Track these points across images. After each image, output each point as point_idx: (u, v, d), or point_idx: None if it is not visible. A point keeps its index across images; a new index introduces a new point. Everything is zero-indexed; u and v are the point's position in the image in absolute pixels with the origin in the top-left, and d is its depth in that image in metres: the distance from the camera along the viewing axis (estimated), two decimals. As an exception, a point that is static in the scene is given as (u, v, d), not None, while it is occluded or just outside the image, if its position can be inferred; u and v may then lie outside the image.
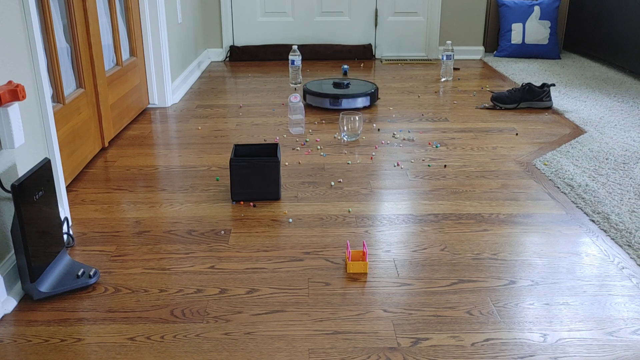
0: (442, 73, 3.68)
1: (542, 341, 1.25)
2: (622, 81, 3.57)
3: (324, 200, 1.93)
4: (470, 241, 1.67)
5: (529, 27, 4.20)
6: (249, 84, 3.57)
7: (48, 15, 1.89)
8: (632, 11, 3.63)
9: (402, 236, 1.70)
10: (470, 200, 1.94)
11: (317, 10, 4.27)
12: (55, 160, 1.69)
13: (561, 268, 1.54)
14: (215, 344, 1.25)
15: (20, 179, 1.31)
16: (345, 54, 4.29)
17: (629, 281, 1.48)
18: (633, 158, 2.29)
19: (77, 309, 1.37)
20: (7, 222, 1.41)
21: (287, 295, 1.42)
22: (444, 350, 1.22)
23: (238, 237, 1.70)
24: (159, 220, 1.80)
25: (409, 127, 2.71)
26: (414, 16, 4.28)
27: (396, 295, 1.42)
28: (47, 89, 1.63)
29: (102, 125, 2.37)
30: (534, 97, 3.00)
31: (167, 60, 3.05)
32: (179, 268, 1.54)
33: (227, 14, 4.22)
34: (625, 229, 1.72)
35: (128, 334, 1.28)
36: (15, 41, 1.49)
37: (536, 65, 4.05)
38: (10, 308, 1.36)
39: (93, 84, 2.31)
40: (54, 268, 1.45)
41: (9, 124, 1.36)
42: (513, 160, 2.29)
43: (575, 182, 2.06)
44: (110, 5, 2.56)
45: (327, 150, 2.39)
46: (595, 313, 1.35)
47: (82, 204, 1.92)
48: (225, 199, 1.95)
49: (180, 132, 2.66)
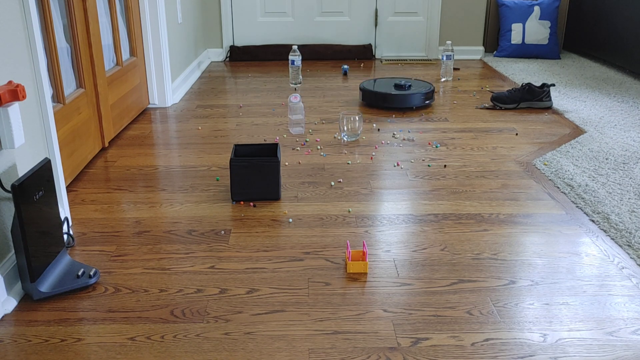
0: (442, 73, 3.68)
1: (542, 341, 1.25)
2: (622, 81, 3.57)
3: (324, 200, 1.93)
4: (470, 241, 1.67)
5: (528, 27, 4.20)
6: (249, 84, 3.57)
7: (48, 15, 1.90)
8: (632, 11, 3.63)
9: (402, 236, 1.70)
10: (470, 200, 1.94)
11: (317, 10, 4.27)
12: (55, 160, 1.69)
13: (561, 268, 1.54)
14: (215, 344, 1.25)
15: (20, 179, 1.31)
16: (345, 54, 4.29)
17: (628, 281, 1.48)
18: (633, 158, 2.29)
19: (77, 309, 1.37)
20: (7, 222, 1.41)
21: (287, 295, 1.42)
22: (444, 350, 1.22)
23: (238, 237, 1.70)
24: (159, 220, 1.80)
25: (409, 127, 2.71)
26: (414, 16, 4.28)
27: (396, 295, 1.42)
28: (47, 89, 1.63)
29: (102, 125, 2.37)
30: (534, 97, 3.00)
31: (167, 60, 3.05)
32: (179, 268, 1.54)
33: (227, 14, 4.22)
34: (625, 229, 1.72)
35: (128, 334, 1.28)
36: (15, 41, 1.49)
37: (536, 65, 4.05)
38: (10, 308, 1.36)
39: (93, 84, 2.31)
40: (54, 268, 1.45)
41: (9, 124, 1.36)
42: (513, 160, 2.29)
43: (575, 182, 2.06)
44: (110, 5, 2.56)
45: (327, 150, 2.39)
46: (595, 313, 1.35)
47: (82, 204, 1.92)
48: (225, 199, 1.95)
49: (180, 132, 2.66)
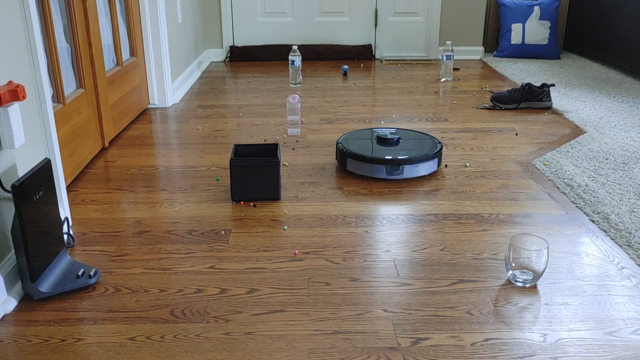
0: (442, 73, 3.68)
1: (542, 341, 1.25)
2: (622, 81, 3.57)
3: (324, 200, 1.94)
4: (470, 241, 1.67)
5: (528, 27, 4.20)
6: (249, 84, 3.57)
7: (48, 15, 1.90)
8: (632, 11, 3.63)
9: (402, 236, 1.70)
10: (470, 200, 1.94)
11: (317, 11, 4.27)
12: (56, 160, 1.69)
13: (561, 268, 1.54)
14: (215, 344, 1.25)
15: (20, 179, 1.31)
16: (345, 54, 4.29)
17: (628, 281, 1.48)
18: (633, 158, 2.29)
19: (77, 309, 1.37)
20: (7, 222, 1.42)
21: (287, 295, 1.42)
22: (443, 350, 1.22)
23: (238, 237, 1.70)
24: (159, 220, 1.80)
25: (409, 127, 2.71)
26: (413, 16, 4.28)
27: (396, 295, 1.42)
28: (47, 89, 1.63)
29: (102, 125, 2.37)
30: (533, 97, 3.00)
31: (167, 60, 3.05)
32: (179, 268, 1.54)
33: (227, 14, 4.22)
34: (625, 229, 1.72)
35: (128, 334, 1.28)
36: (15, 41, 1.49)
37: (536, 65, 4.05)
38: (10, 308, 1.36)
39: (93, 84, 2.31)
40: (54, 268, 1.45)
41: (9, 124, 1.36)
42: (513, 160, 2.29)
43: (575, 182, 2.06)
44: (110, 5, 2.56)
45: (327, 150, 2.39)
46: (595, 313, 1.35)
47: (82, 204, 1.92)
48: (225, 199, 1.95)
49: (181, 132, 2.66)
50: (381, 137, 2.26)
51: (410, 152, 2.14)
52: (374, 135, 2.30)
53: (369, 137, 2.30)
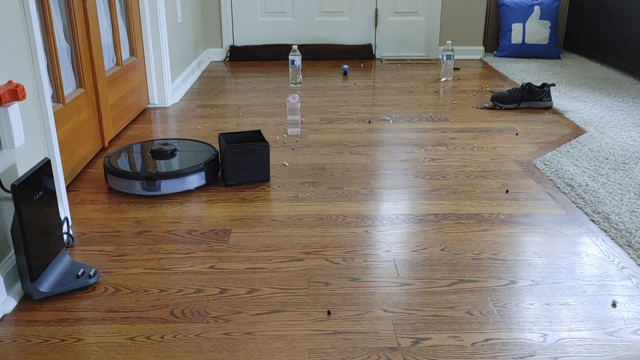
0: (442, 73, 3.68)
1: (542, 341, 1.25)
2: (622, 81, 3.57)
3: (324, 200, 1.93)
4: (470, 241, 1.67)
5: (529, 27, 4.20)
6: (249, 84, 3.57)
7: (48, 15, 1.89)
8: (632, 11, 3.63)
9: (402, 236, 1.70)
10: (470, 200, 1.93)
11: (317, 10, 4.27)
12: (55, 160, 1.69)
13: (561, 268, 1.54)
14: (215, 344, 1.25)
15: (20, 179, 1.31)
16: (345, 54, 4.29)
17: (629, 281, 1.48)
18: (633, 158, 2.29)
19: (77, 309, 1.37)
20: (7, 222, 1.41)
21: (287, 295, 1.42)
22: (444, 350, 1.22)
23: (238, 237, 1.70)
24: (159, 220, 1.80)
25: (409, 127, 2.70)
26: (414, 16, 4.28)
27: (396, 295, 1.42)
28: (47, 89, 1.63)
29: (102, 125, 2.37)
30: (534, 97, 3.00)
31: (167, 60, 3.05)
32: (179, 268, 1.54)
33: (227, 14, 4.22)
34: (625, 229, 1.72)
35: (128, 334, 1.28)
36: (15, 41, 1.48)
37: (536, 65, 4.05)
38: (10, 308, 1.36)
39: (93, 84, 2.31)
40: (54, 268, 1.45)
41: (9, 124, 1.36)
42: (513, 160, 2.29)
43: (575, 182, 2.06)
44: (110, 5, 2.56)
45: (327, 150, 2.39)
46: (595, 313, 1.35)
47: (82, 204, 1.92)
48: (225, 199, 1.95)
49: (180, 132, 2.65)
50: (155, 151, 2.08)
51: (179, 164, 2.00)
52: (150, 149, 2.13)
53: (147, 150, 2.15)
